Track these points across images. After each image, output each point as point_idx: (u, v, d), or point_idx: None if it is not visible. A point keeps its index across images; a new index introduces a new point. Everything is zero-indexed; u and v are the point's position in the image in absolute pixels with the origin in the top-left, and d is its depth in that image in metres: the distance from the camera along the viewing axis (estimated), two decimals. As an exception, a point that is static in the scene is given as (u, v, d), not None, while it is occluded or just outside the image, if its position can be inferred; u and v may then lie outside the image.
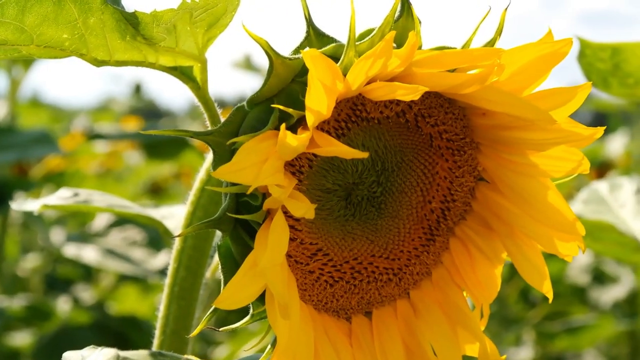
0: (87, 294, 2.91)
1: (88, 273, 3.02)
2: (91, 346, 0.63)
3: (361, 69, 0.54)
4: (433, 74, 0.56)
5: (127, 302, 2.83)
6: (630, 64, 0.83)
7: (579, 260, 3.45)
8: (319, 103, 0.53)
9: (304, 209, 0.53)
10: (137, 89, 5.12)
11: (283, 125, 0.52)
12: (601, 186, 1.08)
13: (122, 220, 2.28)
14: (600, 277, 3.37)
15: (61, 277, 3.06)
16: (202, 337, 2.72)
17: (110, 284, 2.95)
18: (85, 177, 3.37)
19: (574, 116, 0.61)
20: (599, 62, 0.83)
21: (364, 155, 0.53)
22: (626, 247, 1.01)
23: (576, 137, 0.60)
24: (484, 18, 0.59)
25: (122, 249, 2.20)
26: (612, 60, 0.83)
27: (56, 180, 2.89)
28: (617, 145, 3.99)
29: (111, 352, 0.62)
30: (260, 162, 0.53)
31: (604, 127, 0.61)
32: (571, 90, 0.58)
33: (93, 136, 2.87)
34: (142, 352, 0.65)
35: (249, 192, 0.53)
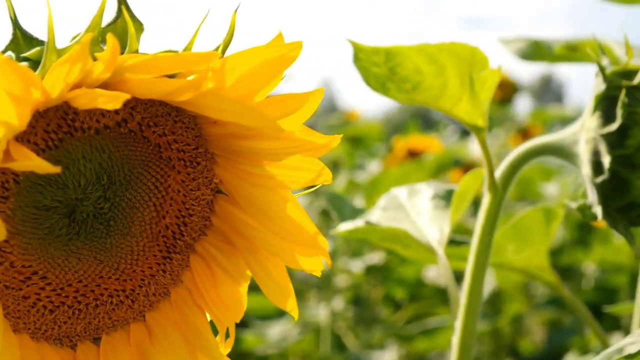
0: None
1: None
2: None
3: (58, 75, 0.48)
4: (144, 80, 0.51)
5: None
6: (405, 68, 0.81)
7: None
8: (6, 114, 0.47)
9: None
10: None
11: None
12: (401, 192, 1.07)
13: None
14: (461, 278, 3.42)
15: None
16: None
17: None
18: None
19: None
20: (374, 66, 0.81)
21: (57, 170, 0.47)
22: (425, 251, 0.99)
23: (311, 145, 0.56)
24: (204, 20, 0.55)
25: None
26: (387, 64, 0.81)
27: None
28: (477, 146, 4.09)
29: None
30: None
31: (341, 135, 0.58)
32: (302, 97, 0.55)
33: None
34: None
35: None
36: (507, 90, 3.55)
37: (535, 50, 1.16)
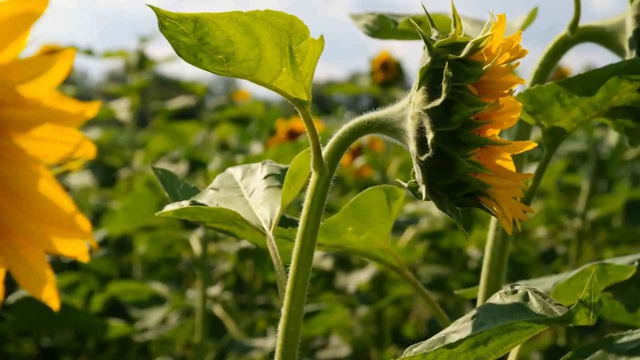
0: None
1: None
2: None
3: None
4: None
5: None
6: (215, 38, 0.75)
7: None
8: None
9: None
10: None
11: None
12: (236, 171, 1.01)
13: None
14: (345, 263, 3.41)
15: None
16: None
17: None
18: None
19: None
20: (182, 35, 0.75)
21: None
22: (258, 233, 0.94)
23: (62, 114, 0.50)
24: None
25: None
26: (195, 34, 0.75)
27: None
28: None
29: None
30: None
31: (99, 103, 0.51)
32: (48, 60, 0.48)
33: None
34: None
35: None
36: (391, 71, 3.52)
37: (381, 26, 1.11)
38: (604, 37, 1.03)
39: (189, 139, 4.29)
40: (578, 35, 1.04)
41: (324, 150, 0.85)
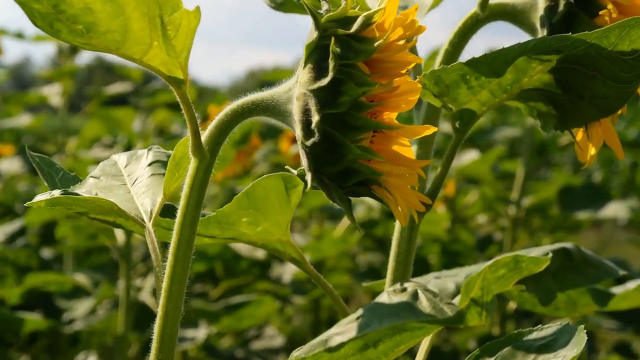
0: None
1: None
2: None
3: None
4: None
5: None
6: (72, 5, 0.67)
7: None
8: None
9: None
10: None
11: None
12: (121, 158, 0.93)
13: None
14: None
15: None
16: None
17: None
18: None
19: None
20: (35, 2, 0.67)
21: None
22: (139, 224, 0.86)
23: None
24: None
25: None
26: (49, 1, 0.66)
27: None
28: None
29: None
30: None
31: None
32: None
33: None
34: None
35: None
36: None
37: None
38: (515, 15, 0.97)
39: (124, 125, 4.18)
40: (489, 12, 0.98)
41: (204, 135, 0.77)
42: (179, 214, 0.77)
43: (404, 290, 0.69)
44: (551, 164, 5.05)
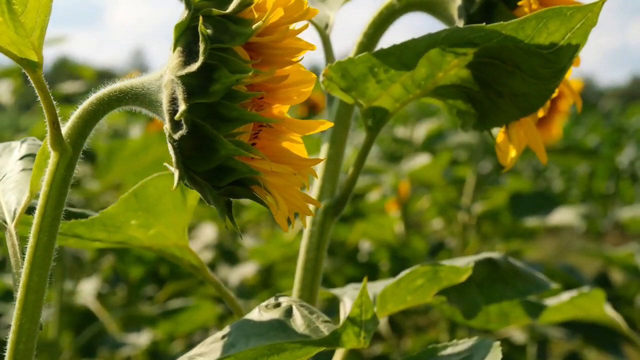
0: None
1: None
2: None
3: None
4: None
5: None
6: None
7: (206, 236, 3.32)
8: None
9: None
10: None
11: None
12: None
13: None
14: (231, 256, 3.26)
15: None
16: None
17: None
18: None
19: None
20: None
21: None
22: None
23: None
24: None
25: None
26: None
27: None
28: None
29: None
30: None
31: None
32: None
33: None
34: None
35: None
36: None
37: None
38: (433, 5, 0.90)
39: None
40: (406, 2, 0.90)
41: (65, 126, 0.68)
42: (36, 215, 0.68)
43: (277, 305, 0.61)
44: (510, 169, 5.01)
